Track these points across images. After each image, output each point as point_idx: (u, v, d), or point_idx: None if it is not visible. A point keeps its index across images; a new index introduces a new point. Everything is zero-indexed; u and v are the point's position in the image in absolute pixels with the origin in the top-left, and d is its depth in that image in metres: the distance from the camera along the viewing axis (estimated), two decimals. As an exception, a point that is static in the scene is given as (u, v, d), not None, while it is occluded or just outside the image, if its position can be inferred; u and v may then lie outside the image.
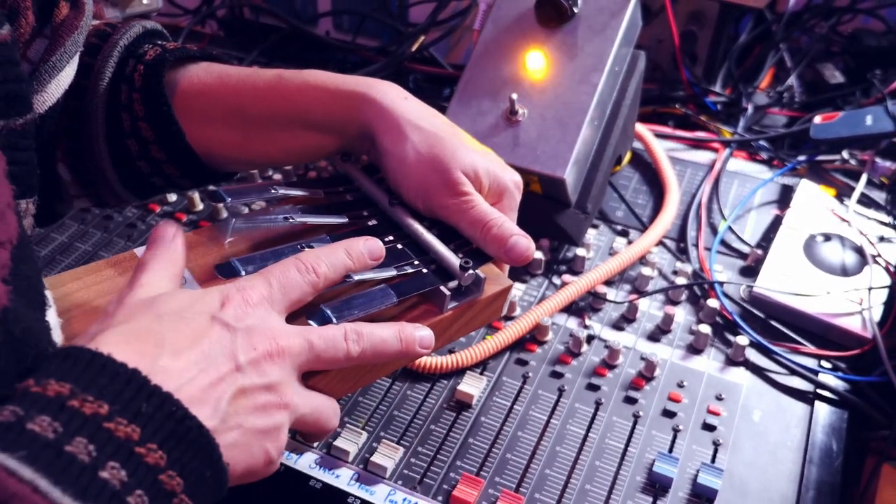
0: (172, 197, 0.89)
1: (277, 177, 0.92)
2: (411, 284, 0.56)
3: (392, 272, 0.56)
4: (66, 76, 0.57)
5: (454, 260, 0.57)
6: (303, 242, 0.56)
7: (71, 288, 0.53)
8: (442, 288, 0.56)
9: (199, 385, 0.42)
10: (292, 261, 0.51)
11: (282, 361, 0.47)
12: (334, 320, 0.51)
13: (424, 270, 0.57)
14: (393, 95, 0.59)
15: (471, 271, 0.56)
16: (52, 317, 0.46)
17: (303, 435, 0.63)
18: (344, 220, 0.60)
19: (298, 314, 0.51)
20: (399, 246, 0.59)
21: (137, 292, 0.47)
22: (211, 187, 0.59)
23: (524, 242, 0.58)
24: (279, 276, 0.50)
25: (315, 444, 0.63)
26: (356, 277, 0.53)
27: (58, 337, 0.46)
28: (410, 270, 0.57)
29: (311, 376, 0.51)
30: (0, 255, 0.41)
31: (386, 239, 0.58)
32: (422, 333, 0.54)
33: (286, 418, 0.48)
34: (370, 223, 0.60)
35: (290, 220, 0.57)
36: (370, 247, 0.54)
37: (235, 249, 0.57)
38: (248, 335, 0.46)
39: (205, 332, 0.44)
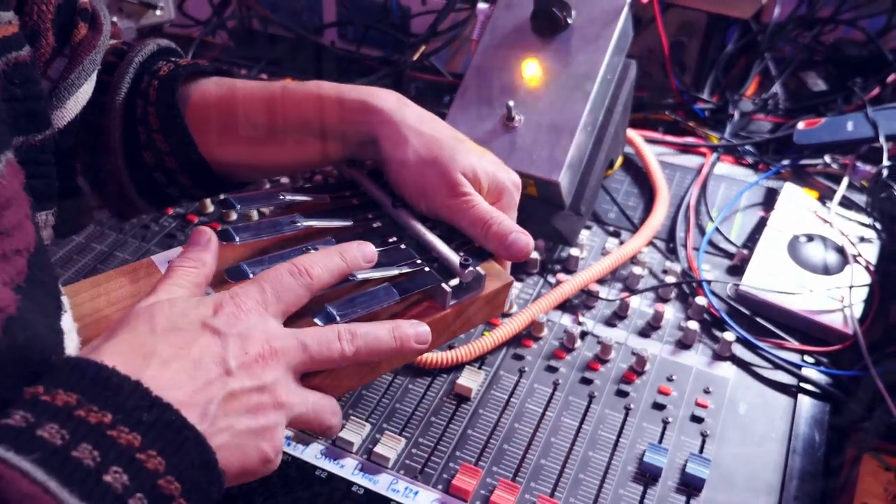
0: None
1: (284, 180, 0.92)
2: (414, 282, 0.56)
3: (395, 271, 0.56)
4: (84, 93, 0.57)
5: (455, 258, 0.56)
6: (309, 245, 0.56)
7: (89, 295, 0.54)
8: (443, 285, 0.56)
9: (186, 391, 0.42)
10: (286, 265, 0.50)
11: (275, 363, 0.47)
12: (338, 319, 0.51)
13: (427, 269, 0.57)
14: (394, 102, 0.60)
15: (471, 268, 0.56)
16: (66, 322, 0.46)
17: (310, 431, 0.62)
18: (348, 222, 0.60)
19: (304, 315, 0.51)
20: (402, 246, 0.58)
21: (145, 301, 0.47)
22: (222, 196, 0.59)
23: (524, 239, 0.57)
24: (273, 280, 0.49)
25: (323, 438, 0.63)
26: (360, 277, 0.53)
27: (73, 340, 0.47)
28: (413, 269, 0.57)
29: (309, 376, 0.51)
30: (17, 262, 0.41)
31: (390, 240, 0.58)
32: (418, 329, 0.53)
33: (281, 418, 0.47)
34: (374, 225, 0.60)
35: (297, 225, 0.57)
36: (363, 250, 0.54)
37: (245, 254, 0.57)
38: (239, 340, 0.46)
39: (194, 340, 0.44)
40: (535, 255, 0.80)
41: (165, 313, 0.46)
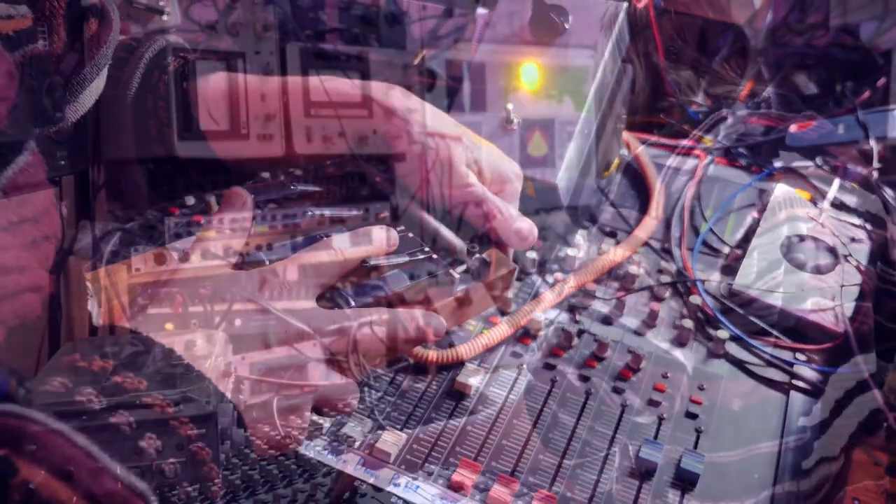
0: (190, 200, 0.89)
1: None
2: (422, 269, 0.57)
3: (405, 258, 0.57)
4: (96, 87, 0.58)
5: (461, 245, 0.58)
6: (322, 233, 0.57)
7: (109, 282, 0.54)
8: (451, 271, 0.57)
9: (224, 362, 0.44)
10: (322, 245, 0.52)
11: (311, 342, 0.48)
12: (353, 303, 0.52)
13: (434, 256, 0.58)
14: (399, 98, 0.61)
15: (477, 255, 0.57)
16: (92, 306, 0.48)
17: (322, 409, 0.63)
18: (358, 212, 0.60)
19: (320, 297, 0.52)
20: (410, 235, 0.59)
21: (186, 271, 0.48)
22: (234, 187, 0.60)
23: (527, 226, 0.59)
24: (312, 259, 0.51)
25: (326, 423, 0.63)
26: (372, 262, 0.54)
27: (97, 324, 0.48)
28: (421, 256, 0.57)
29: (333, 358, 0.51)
30: (46, 248, 0.42)
31: (398, 228, 0.59)
32: (435, 322, 0.54)
33: (309, 397, 0.48)
34: (382, 215, 0.61)
35: (310, 213, 0.58)
36: (389, 234, 0.56)
37: (260, 242, 0.58)
38: (281, 318, 0.47)
39: (239, 315, 0.46)
40: (532, 254, 0.80)
41: (211, 285, 0.47)
